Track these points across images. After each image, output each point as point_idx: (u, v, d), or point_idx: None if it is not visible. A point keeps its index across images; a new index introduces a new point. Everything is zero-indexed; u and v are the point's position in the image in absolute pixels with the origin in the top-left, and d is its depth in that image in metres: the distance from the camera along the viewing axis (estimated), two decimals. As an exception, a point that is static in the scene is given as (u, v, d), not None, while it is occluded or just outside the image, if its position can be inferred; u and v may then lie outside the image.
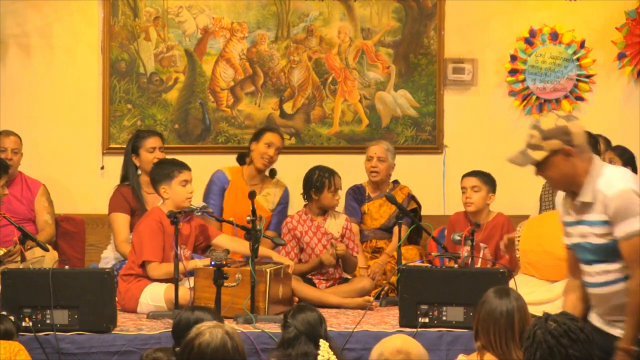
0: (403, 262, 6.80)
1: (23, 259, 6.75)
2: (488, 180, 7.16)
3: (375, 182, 7.72)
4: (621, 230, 4.34)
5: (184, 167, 6.67)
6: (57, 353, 5.70)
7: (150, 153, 7.30)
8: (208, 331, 3.72)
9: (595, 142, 7.02)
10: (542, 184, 7.32)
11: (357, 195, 7.77)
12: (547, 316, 4.02)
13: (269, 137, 7.54)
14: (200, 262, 6.44)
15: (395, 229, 7.31)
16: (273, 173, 7.69)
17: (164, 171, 6.65)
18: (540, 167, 4.45)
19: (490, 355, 4.41)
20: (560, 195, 4.69)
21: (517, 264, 6.66)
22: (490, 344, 4.39)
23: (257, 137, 7.58)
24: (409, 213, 7.19)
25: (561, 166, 4.41)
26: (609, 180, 4.38)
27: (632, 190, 4.32)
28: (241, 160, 7.69)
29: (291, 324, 4.58)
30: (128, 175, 7.33)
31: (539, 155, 4.40)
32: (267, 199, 7.62)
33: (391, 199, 7.10)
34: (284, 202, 7.69)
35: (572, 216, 4.56)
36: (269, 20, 8.38)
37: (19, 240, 6.84)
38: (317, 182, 7.09)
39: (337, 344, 4.76)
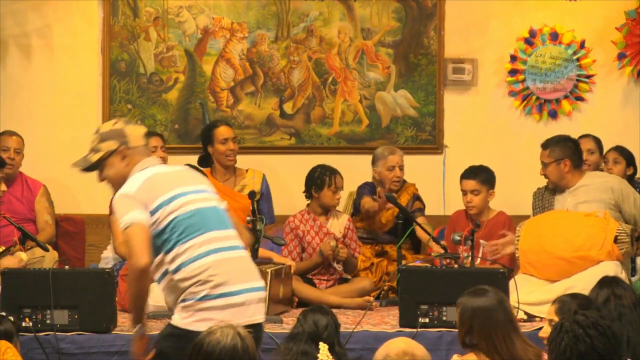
0: (403, 262, 6.80)
1: (23, 259, 6.76)
2: (487, 179, 7.13)
3: (395, 190, 7.56)
4: None
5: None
6: (57, 353, 5.71)
7: (152, 152, 7.28)
8: (219, 330, 3.72)
9: (575, 146, 7.02)
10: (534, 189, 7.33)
11: (372, 189, 7.60)
12: (575, 310, 4.06)
13: (221, 133, 7.35)
14: None
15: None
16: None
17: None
18: (98, 168, 4.60)
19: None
20: None
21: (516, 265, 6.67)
22: (493, 347, 4.33)
23: (208, 138, 7.37)
24: (408, 212, 7.18)
25: (117, 166, 4.57)
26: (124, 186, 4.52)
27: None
28: (203, 163, 7.42)
29: (300, 321, 4.64)
30: None
31: (95, 157, 4.58)
32: (245, 190, 7.33)
33: (391, 199, 7.07)
34: (265, 190, 7.48)
35: None
36: (269, 20, 8.38)
37: (19, 240, 6.84)
38: (318, 179, 7.10)
39: (342, 348, 4.75)
